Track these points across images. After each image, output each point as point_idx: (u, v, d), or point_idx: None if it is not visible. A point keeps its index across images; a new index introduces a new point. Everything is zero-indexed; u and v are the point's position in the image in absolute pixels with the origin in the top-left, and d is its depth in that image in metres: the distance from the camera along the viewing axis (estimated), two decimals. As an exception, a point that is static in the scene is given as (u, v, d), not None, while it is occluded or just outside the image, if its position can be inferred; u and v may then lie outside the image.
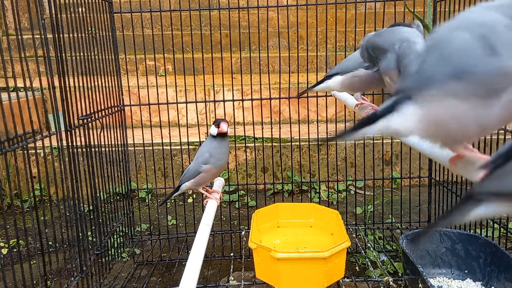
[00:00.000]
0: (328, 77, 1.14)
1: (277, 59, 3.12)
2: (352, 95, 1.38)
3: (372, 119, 0.52)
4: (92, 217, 1.34)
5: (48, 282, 1.42)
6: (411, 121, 0.50)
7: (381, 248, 1.63)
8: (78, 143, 1.20)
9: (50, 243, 1.54)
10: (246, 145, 2.18)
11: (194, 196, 2.27)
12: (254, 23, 3.28)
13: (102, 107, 1.41)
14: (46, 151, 2.22)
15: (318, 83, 1.17)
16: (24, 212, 0.98)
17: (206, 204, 1.22)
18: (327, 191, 2.23)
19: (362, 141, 1.82)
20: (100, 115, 1.38)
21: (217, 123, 1.21)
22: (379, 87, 1.11)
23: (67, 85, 1.14)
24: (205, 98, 2.36)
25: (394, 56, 0.84)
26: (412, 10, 1.75)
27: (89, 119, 1.28)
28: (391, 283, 1.30)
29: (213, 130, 1.22)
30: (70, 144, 1.16)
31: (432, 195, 1.71)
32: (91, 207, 1.31)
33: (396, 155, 2.34)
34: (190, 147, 2.31)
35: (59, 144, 1.11)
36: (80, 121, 1.22)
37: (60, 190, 1.15)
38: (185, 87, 1.74)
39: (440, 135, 0.50)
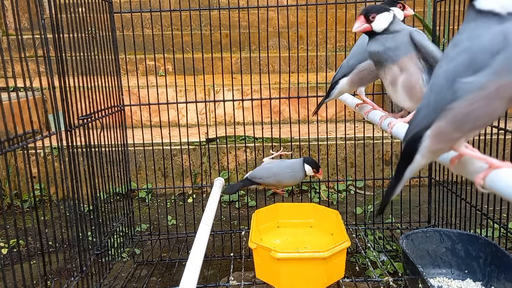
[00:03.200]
0: (335, 83, 1.13)
1: (277, 59, 3.12)
2: (353, 94, 1.37)
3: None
4: (92, 217, 1.34)
5: (48, 282, 1.42)
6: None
7: (381, 248, 1.63)
8: (78, 143, 1.19)
9: (50, 243, 1.54)
10: (246, 145, 2.18)
11: (194, 196, 2.27)
12: (254, 23, 3.28)
13: (102, 107, 1.41)
14: (46, 151, 2.22)
15: (328, 93, 1.15)
16: (24, 212, 0.98)
17: None
18: (327, 191, 2.23)
19: (362, 141, 1.82)
20: (100, 115, 1.38)
21: (317, 168, 1.44)
22: None
23: (67, 85, 1.14)
24: (205, 98, 2.35)
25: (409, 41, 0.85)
26: (412, 10, 1.74)
27: (89, 119, 1.28)
28: (391, 283, 1.30)
29: (309, 171, 1.44)
30: (70, 144, 1.16)
31: (432, 195, 1.71)
32: (91, 207, 1.31)
33: (396, 155, 2.34)
34: (190, 147, 2.31)
35: (59, 144, 1.11)
36: (80, 121, 1.22)
37: (60, 190, 1.15)
38: (185, 87, 1.74)
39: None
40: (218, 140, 2.24)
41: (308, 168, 1.44)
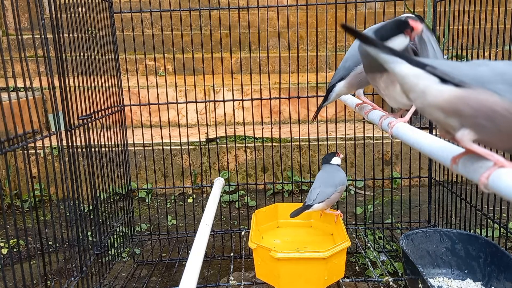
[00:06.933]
0: (332, 86, 1.11)
1: (277, 59, 3.12)
2: (353, 94, 1.37)
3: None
4: (92, 217, 1.34)
5: (48, 282, 1.42)
6: (445, 93, 0.50)
7: (381, 248, 1.63)
8: (78, 143, 1.20)
9: (50, 243, 1.54)
10: (246, 145, 2.18)
11: (194, 196, 2.27)
12: (254, 23, 3.28)
13: (102, 107, 1.41)
14: (46, 151, 2.22)
15: (326, 96, 1.14)
16: (24, 212, 0.98)
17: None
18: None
19: (362, 141, 1.82)
20: (100, 115, 1.38)
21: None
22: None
23: (67, 85, 1.15)
24: (205, 98, 2.36)
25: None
26: (412, 10, 1.75)
27: (89, 119, 1.28)
28: (391, 283, 1.30)
29: (336, 160, 1.42)
30: (70, 144, 1.16)
31: (432, 195, 1.71)
32: (91, 207, 1.31)
33: (396, 155, 2.34)
34: (190, 147, 2.31)
35: (59, 144, 1.11)
36: (80, 121, 1.23)
37: (60, 190, 1.15)
38: (185, 87, 1.74)
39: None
40: (218, 140, 2.24)
41: (335, 160, 1.42)
